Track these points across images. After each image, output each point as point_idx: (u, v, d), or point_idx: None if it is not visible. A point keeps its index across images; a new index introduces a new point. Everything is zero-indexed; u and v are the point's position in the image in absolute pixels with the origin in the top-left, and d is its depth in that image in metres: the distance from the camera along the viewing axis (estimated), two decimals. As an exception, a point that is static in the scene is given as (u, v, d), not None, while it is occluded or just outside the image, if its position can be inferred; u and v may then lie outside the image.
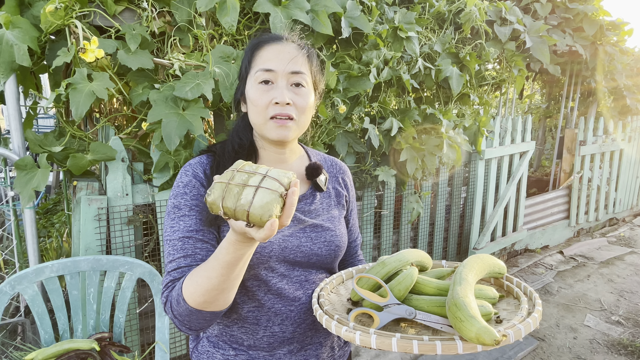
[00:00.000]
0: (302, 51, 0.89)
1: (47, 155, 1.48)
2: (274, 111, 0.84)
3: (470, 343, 0.63)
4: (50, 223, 2.93)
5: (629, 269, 3.74)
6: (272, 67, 0.85)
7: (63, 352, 1.33)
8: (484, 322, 0.63)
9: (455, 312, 0.66)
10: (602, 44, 3.69)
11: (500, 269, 0.87)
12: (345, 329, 0.70)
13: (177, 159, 1.61)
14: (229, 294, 0.74)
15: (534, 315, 0.69)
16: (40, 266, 1.34)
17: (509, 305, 0.81)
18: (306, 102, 0.87)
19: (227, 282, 0.70)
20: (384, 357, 2.36)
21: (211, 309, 0.74)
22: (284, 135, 0.86)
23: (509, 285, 0.87)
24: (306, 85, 0.88)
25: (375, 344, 0.65)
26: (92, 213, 1.56)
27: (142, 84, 1.57)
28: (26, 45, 1.38)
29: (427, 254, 0.94)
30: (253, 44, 0.90)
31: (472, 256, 0.84)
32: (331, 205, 0.98)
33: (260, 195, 0.58)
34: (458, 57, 2.50)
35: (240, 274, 0.72)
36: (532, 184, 5.00)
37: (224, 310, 0.77)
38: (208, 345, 0.94)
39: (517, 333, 0.64)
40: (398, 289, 0.80)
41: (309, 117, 0.91)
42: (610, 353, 2.49)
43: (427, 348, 0.63)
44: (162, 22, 1.61)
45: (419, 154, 2.33)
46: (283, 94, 0.83)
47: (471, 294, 0.70)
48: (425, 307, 0.77)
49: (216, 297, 0.72)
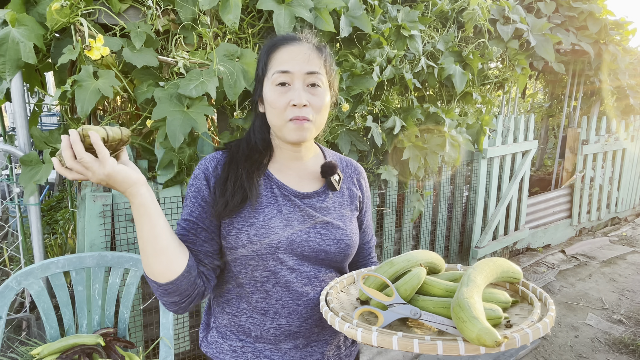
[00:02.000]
0: (317, 51, 0.90)
1: (52, 151, 1.49)
2: (292, 114, 0.85)
3: (473, 344, 0.62)
4: (54, 220, 2.94)
5: (630, 268, 3.74)
6: (288, 69, 0.86)
7: (68, 347, 1.34)
8: (487, 324, 0.62)
9: (458, 313, 0.65)
10: (606, 43, 3.69)
11: (515, 274, 0.85)
12: (347, 326, 0.70)
13: (182, 156, 1.62)
14: (151, 260, 0.78)
15: (545, 320, 0.68)
16: (46, 262, 1.35)
17: (522, 311, 0.79)
18: (322, 102, 0.89)
19: (140, 242, 0.77)
20: (385, 354, 2.37)
21: (151, 277, 0.79)
22: (303, 136, 0.88)
23: (523, 291, 0.85)
24: (322, 85, 0.89)
25: (376, 342, 0.65)
26: (97, 210, 1.57)
27: (147, 82, 1.57)
28: (32, 42, 1.39)
29: (439, 256, 0.93)
30: (268, 45, 0.91)
31: (485, 259, 0.83)
32: (343, 205, 0.99)
33: None
34: (461, 56, 2.50)
35: (143, 236, 0.77)
36: (535, 183, 5.00)
37: (163, 284, 0.79)
38: (217, 336, 0.96)
39: (524, 337, 0.63)
40: (404, 289, 0.79)
41: (325, 116, 0.92)
42: (612, 352, 2.50)
43: (428, 347, 0.63)
44: (166, 20, 1.62)
45: (421, 153, 2.33)
46: (300, 96, 0.85)
47: (477, 296, 0.69)
48: (431, 308, 0.77)
49: (146, 262, 0.78)
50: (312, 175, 0.97)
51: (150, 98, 1.55)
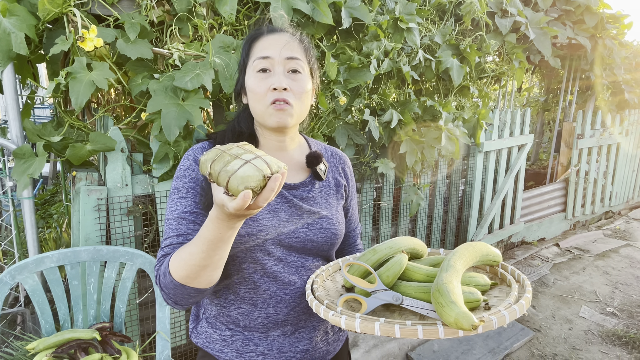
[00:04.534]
0: (297, 39, 0.92)
1: (45, 144, 1.47)
2: (272, 97, 0.86)
3: (451, 328, 0.64)
4: (49, 214, 2.92)
5: (624, 262, 3.77)
6: (269, 54, 0.87)
7: (64, 342, 1.33)
8: (464, 308, 0.64)
9: (437, 298, 0.67)
10: (602, 37, 3.68)
11: (494, 257, 0.87)
12: (332, 314, 0.72)
13: (177, 149, 1.61)
14: (211, 273, 0.75)
15: (521, 302, 0.70)
16: (41, 256, 1.34)
17: (501, 293, 0.82)
18: (303, 88, 0.89)
19: (207, 260, 0.72)
20: (382, 347, 2.38)
21: (194, 285, 0.76)
22: (284, 120, 0.88)
23: (502, 273, 0.87)
24: (302, 72, 0.90)
25: (359, 328, 0.67)
26: (91, 204, 1.56)
27: (142, 74, 1.55)
28: (23, 33, 1.36)
29: (420, 241, 0.95)
30: (250, 36, 0.94)
31: (464, 244, 0.85)
32: (330, 194, 1.00)
33: (245, 168, 0.61)
34: (458, 49, 2.49)
35: (222, 255, 0.74)
36: (530, 177, 5.02)
37: (208, 289, 0.79)
38: (207, 326, 0.97)
39: (500, 319, 0.65)
40: (386, 275, 0.81)
41: (307, 105, 0.93)
42: (605, 344, 2.53)
43: (408, 332, 0.65)
44: (161, 11, 1.59)
45: (418, 147, 2.33)
46: (280, 80, 0.86)
47: (456, 281, 0.71)
48: (413, 294, 0.79)
49: (198, 274, 0.74)
50: (298, 166, 0.98)
51: (145, 90, 1.53)
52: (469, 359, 2.31)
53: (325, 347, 0.99)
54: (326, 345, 0.99)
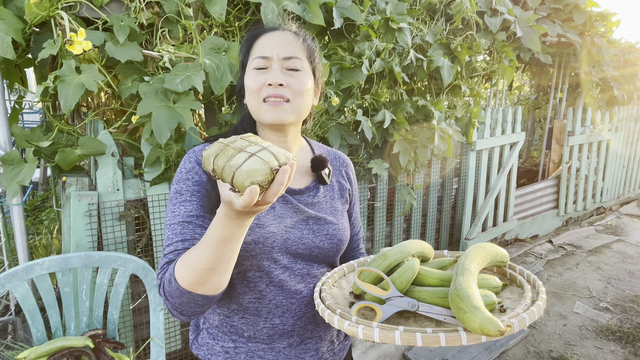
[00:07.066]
0: (298, 38, 0.89)
1: (35, 150, 1.45)
2: (266, 92, 0.84)
3: (474, 334, 0.62)
4: (39, 220, 2.88)
5: (616, 257, 3.81)
6: (267, 54, 0.85)
7: (56, 350, 1.31)
8: (488, 313, 0.62)
9: (458, 304, 0.65)
10: (591, 35, 3.72)
11: (502, 257, 0.86)
12: (347, 323, 0.69)
13: (169, 152, 1.59)
14: (220, 277, 0.71)
15: (538, 303, 0.68)
16: (31, 263, 1.32)
17: (513, 294, 0.80)
18: (302, 85, 0.86)
19: (216, 262, 0.67)
20: (378, 347, 2.38)
21: (202, 291, 0.71)
22: (280, 117, 0.84)
23: (512, 274, 0.86)
24: (302, 69, 0.87)
25: (378, 338, 0.64)
26: (82, 209, 1.54)
27: (131, 77, 1.53)
28: (10, 37, 1.34)
29: (428, 244, 0.93)
30: (250, 35, 0.91)
31: (474, 245, 0.83)
32: (334, 199, 0.98)
33: (251, 161, 0.57)
34: (449, 48, 2.50)
35: (231, 256, 0.69)
36: (522, 174, 5.05)
37: (216, 296, 0.74)
38: (208, 337, 0.94)
39: (521, 322, 0.63)
40: (400, 281, 0.79)
41: (307, 103, 0.89)
42: (599, 339, 2.55)
43: (430, 340, 0.62)
44: (150, 13, 1.58)
45: (411, 146, 2.33)
46: (276, 76, 0.83)
47: (474, 284, 0.69)
48: (428, 299, 0.76)
49: (206, 278, 0.69)
50: (302, 170, 0.96)
51: (135, 93, 1.51)
52: (465, 357, 2.32)
53: (331, 357, 0.97)
54: (332, 356, 0.97)
